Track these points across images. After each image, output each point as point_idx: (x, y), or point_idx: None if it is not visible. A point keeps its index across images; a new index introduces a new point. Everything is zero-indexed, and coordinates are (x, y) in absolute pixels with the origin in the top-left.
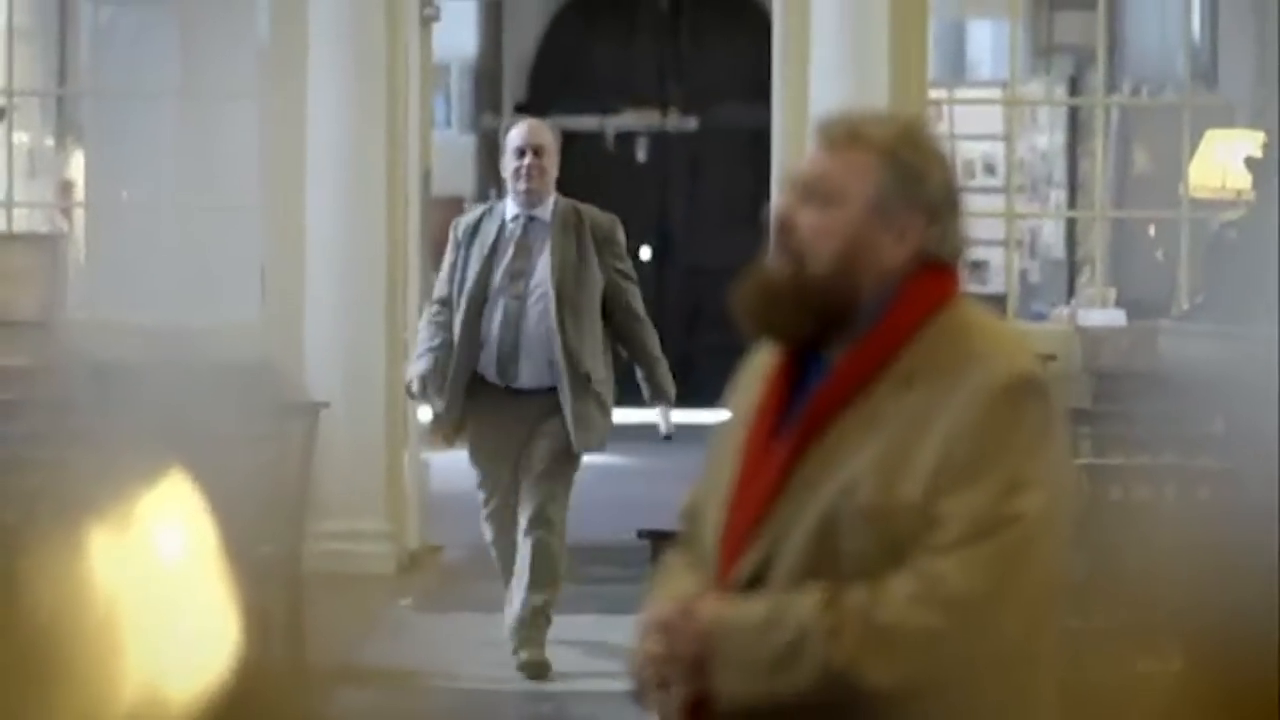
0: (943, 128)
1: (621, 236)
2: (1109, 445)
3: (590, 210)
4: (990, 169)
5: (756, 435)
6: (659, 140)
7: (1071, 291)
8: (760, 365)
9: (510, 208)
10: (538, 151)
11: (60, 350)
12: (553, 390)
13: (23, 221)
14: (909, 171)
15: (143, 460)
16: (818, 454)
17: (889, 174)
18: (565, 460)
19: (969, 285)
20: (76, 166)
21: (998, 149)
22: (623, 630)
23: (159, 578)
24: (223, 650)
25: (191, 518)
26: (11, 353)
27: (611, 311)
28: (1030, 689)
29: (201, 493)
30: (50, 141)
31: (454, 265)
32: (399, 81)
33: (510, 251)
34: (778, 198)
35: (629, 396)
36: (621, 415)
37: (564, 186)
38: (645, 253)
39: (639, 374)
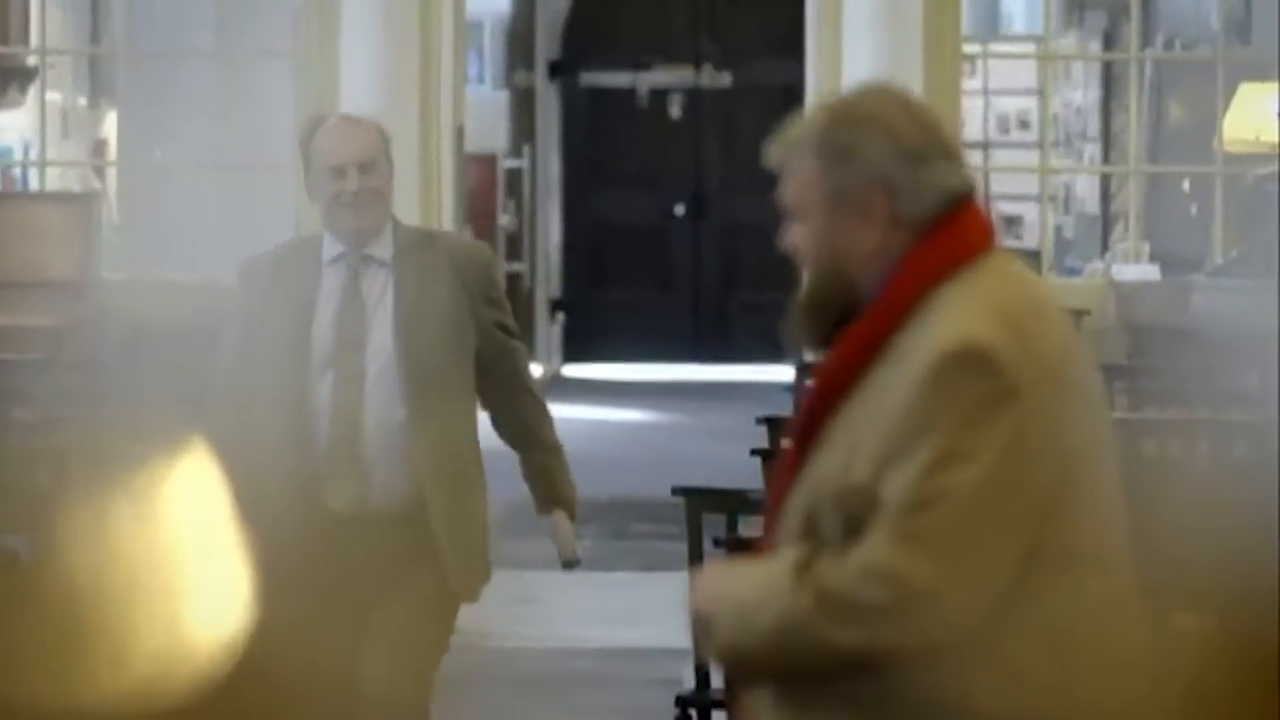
0: (976, 83)
1: (499, 275)
2: (1143, 400)
3: (451, 239)
4: (1024, 124)
5: (793, 430)
6: (693, 97)
7: (1106, 247)
8: None
9: (330, 245)
10: (365, 168)
11: (93, 310)
12: (413, 512)
13: (56, 181)
14: (840, 151)
15: (175, 420)
16: (817, 441)
17: (825, 163)
18: (437, 616)
19: (1002, 241)
20: (110, 126)
21: (1032, 104)
22: (661, 586)
23: (190, 537)
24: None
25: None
26: (44, 312)
27: (489, 382)
28: (1011, 660)
29: (233, 452)
30: (83, 101)
31: (248, 331)
32: (432, 38)
33: (334, 308)
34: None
35: (662, 350)
36: (643, 371)
37: (597, 146)
38: (680, 210)
39: (524, 471)
